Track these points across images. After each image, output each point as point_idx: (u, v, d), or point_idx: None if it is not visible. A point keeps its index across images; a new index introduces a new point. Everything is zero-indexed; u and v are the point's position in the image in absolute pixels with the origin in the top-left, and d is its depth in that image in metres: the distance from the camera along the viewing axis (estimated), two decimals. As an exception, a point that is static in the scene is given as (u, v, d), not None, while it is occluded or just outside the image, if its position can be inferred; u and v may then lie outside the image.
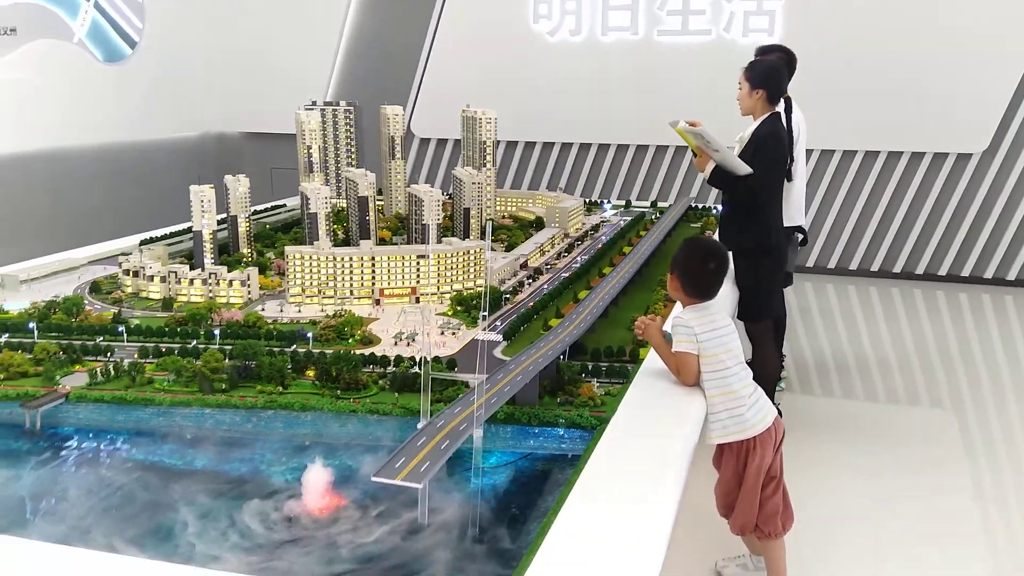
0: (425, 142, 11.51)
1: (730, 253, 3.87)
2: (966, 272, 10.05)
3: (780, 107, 5.24)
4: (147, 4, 10.72)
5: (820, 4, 9.81)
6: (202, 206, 5.34)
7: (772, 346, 5.48)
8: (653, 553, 2.41)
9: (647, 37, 10.46)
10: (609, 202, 8.84)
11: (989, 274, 9.96)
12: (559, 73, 10.72)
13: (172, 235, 6.75)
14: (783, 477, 3.71)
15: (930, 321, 8.83)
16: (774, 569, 3.74)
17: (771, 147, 5.03)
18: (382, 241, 6.42)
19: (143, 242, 6.46)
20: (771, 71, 5.10)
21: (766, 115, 5.09)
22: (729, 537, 3.91)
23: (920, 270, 10.20)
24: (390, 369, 3.80)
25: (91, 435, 3.39)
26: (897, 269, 10.27)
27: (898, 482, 5.01)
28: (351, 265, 4.99)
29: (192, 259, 5.80)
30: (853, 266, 10.40)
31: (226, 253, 5.96)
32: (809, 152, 9.37)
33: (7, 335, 4.16)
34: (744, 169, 4.98)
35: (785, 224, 5.47)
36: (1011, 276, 9.88)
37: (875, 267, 10.33)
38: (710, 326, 3.46)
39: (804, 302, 9.34)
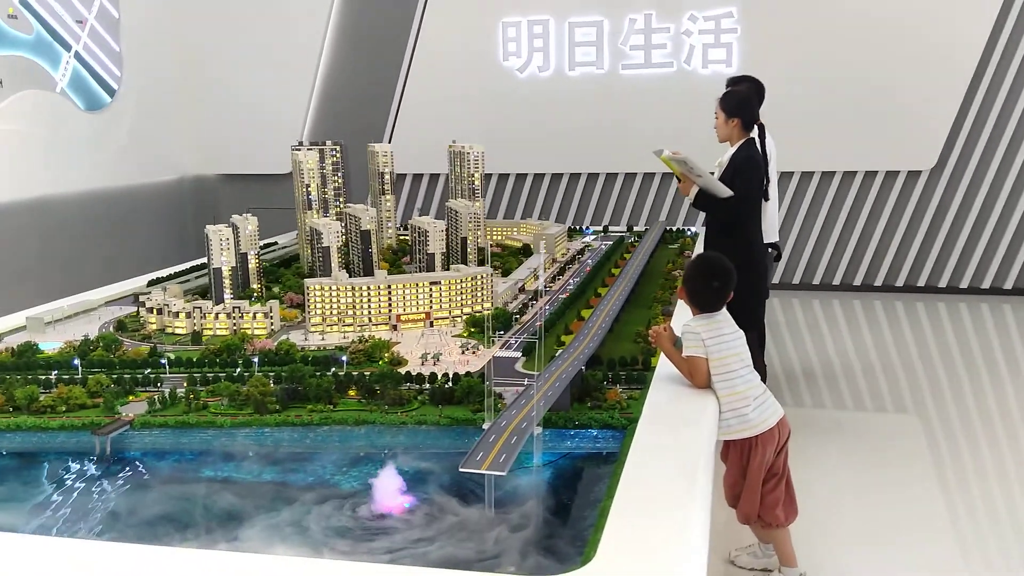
0: (401, 177, 11.87)
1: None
2: (922, 282, 10.66)
3: (754, 133, 5.73)
4: (125, 53, 10.97)
5: (772, 36, 10.43)
6: (221, 244, 5.62)
7: (759, 355, 5.92)
8: (700, 530, 2.76)
9: (612, 71, 10.99)
10: (589, 228, 9.27)
11: (943, 283, 10.58)
12: (530, 107, 11.19)
13: (177, 274, 7.00)
14: (787, 473, 4.09)
15: (890, 329, 9.37)
16: (782, 553, 4.11)
17: (747, 169, 5.52)
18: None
19: (151, 282, 6.71)
20: (743, 101, 5.59)
21: (742, 141, 5.58)
22: (738, 527, 4.29)
23: (879, 282, 10.79)
24: (425, 386, 4.13)
25: (160, 457, 3.66)
26: (858, 282, 10.85)
27: (873, 480, 5.46)
28: (368, 294, 5.32)
29: (205, 295, 6.07)
30: (816, 280, 10.96)
31: (236, 289, 6.22)
32: (773, 174, 9.96)
33: (55, 372, 4.41)
34: (725, 192, 5.44)
35: (762, 241, 5.95)
36: (963, 284, 10.51)
37: (837, 281, 10.90)
38: (717, 332, 3.85)
39: (772, 316, 9.83)
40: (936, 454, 5.91)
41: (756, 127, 5.76)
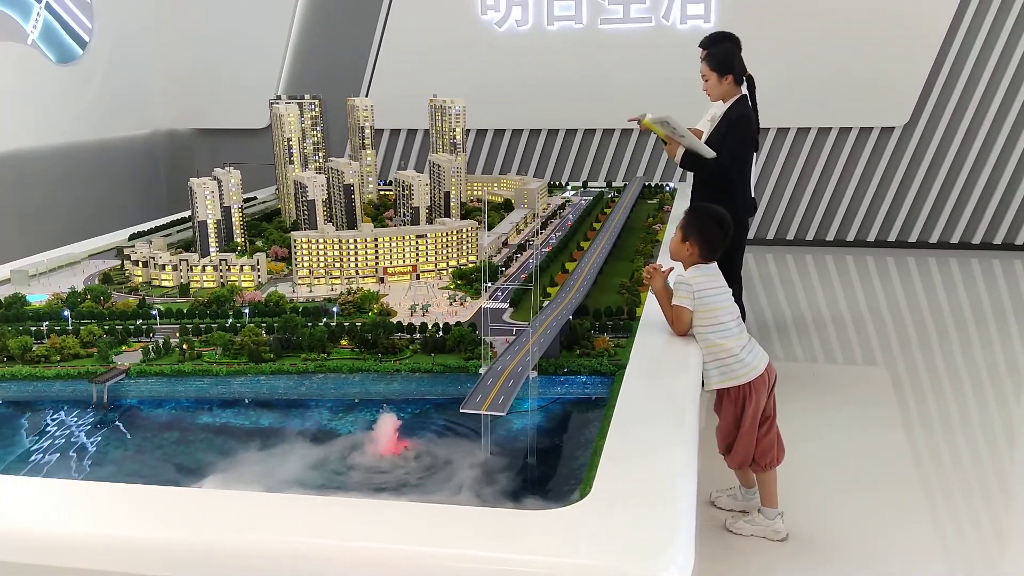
0: (378, 132, 11.81)
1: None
2: (893, 238, 10.86)
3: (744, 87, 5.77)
4: (96, 4, 10.76)
5: (751, -9, 10.46)
6: (206, 197, 5.63)
7: (741, 303, 6.06)
8: (688, 469, 2.88)
9: (591, 26, 10.96)
10: (567, 184, 9.33)
11: (914, 238, 10.79)
12: (508, 63, 11.15)
13: (158, 228, 6.99)
14: (776, 417, 4.23)
15: (861, 284, 9.56)
16: (767, 494, 4.25)
17: (742, 127, 5.58)
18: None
19: (132, 236, 6.70)
20: (729, 56, 5.64)
21: (736, 97, 5.64)
22: (718, 471, 4.44)
23: (851, 237, 10.98)
24: (417, 335, 4.20)
25: (157, 404, 3.72)
26: (831, 237, 11.03)
27: (844, 428, 5.66)
28: (355, 247, 5.36)
29: (188, 249, 6.08)
30: (791, 236, 11.13)
31: (220, 242, 6.22)
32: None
33: (46, 323, 4.43)
34: (709, 153, 5.52)
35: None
36: (934, 239, 10.73)
37: (811, 236, 11.08)
38: (711, 284, 3.92)
39: (747, 271, 9.97)
40: (903, 404, 6.10)
41: (745, 79, 5.78)
